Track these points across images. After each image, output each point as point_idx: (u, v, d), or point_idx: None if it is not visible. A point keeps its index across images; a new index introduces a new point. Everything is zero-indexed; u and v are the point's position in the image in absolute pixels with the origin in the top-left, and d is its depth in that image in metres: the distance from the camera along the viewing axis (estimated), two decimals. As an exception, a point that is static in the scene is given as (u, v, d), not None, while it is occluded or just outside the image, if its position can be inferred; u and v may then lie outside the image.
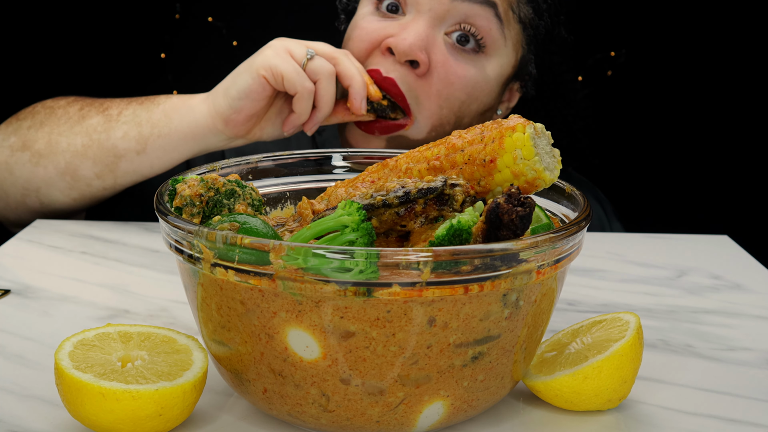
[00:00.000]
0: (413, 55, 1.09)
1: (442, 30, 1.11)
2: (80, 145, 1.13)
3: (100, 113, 1.15)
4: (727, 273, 1.05)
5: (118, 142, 1.12)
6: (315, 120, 1.09)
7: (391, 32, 1.12)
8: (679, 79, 1.79)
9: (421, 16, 1.11)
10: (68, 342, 0.67)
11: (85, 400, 0.63)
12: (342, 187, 0.74)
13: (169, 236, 0.65)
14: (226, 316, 0.63)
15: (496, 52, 1.13)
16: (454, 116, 1.13)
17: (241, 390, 0.66)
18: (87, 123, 1.15)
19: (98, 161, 1.13)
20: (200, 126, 1.10)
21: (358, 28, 1.16)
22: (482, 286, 0.59)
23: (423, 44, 1.09)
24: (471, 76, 1.12)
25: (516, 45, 1.15)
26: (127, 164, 1.13)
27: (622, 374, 0.68)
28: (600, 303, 0.95)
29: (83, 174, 1.14)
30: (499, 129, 0.68)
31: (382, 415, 0.62)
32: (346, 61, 1.08)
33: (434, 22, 1.11)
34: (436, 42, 1.11)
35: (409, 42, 1.08)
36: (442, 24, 1.11)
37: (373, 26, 1.14)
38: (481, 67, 1.12)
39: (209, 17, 1.73)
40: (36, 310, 0.91)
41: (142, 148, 1.12)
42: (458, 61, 1.11)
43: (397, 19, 1.13)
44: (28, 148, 1.16)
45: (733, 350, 0.84)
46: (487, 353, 0.62)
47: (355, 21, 1.18)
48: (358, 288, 0.57)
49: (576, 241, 0.64)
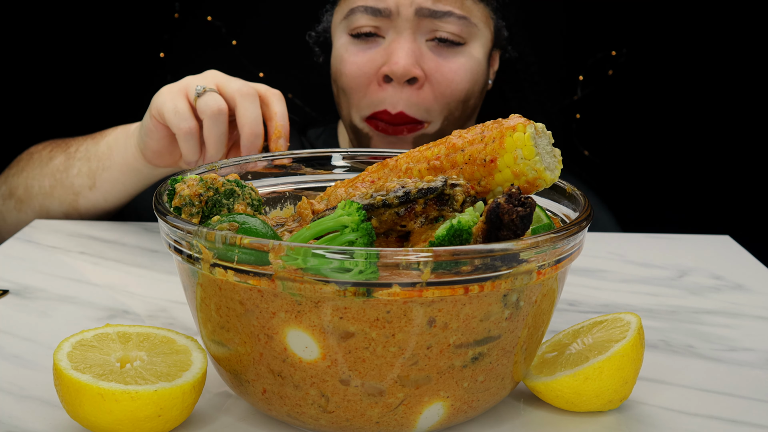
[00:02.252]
0: (411, 73, 1.16)
1: (423, 39, 1.18)
2: (47, 186, 1.18)
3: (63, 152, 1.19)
4: (729, 273, 1.05)
5: (74, 179, 1.16)
6: (208, 159, 1.00)
7: (380, 60, 1.18)
8: (680, 78, 1.80)
9: (400, 35, 1.17)
10: (67, 342, 0.67)
11: (83, 400, 0.63)
12: (342, 187, 0.74)
13: (168, 236, 0.65)
14: (225, 316, 0.63)
15: (474, 37, 1.20)
16: (461, 103, 1.21)
17: (240, 391, 0.66)
18: (52, 164, 1.19)
19: (62, 200, 1.17)
20: (131, 159, 1.10)
21: (346, 63, 1.21)
22: (482, 286, 0.59)
23: (414, 60, 1.17)
24: (465, 66, 1.20)
25: (486, 20, 1.22)
26: (84, 200, 1.16)
27: (623, 375, 0.68)
28: (601, 303, 0.95)
29: (54, 214, 1.18)
30: (500, 129, 0.68)
31: (382, 416, 0.62)
32: (244, 104, 0.98)
33: (414, 36, 1.18)
34: (422, 52, 1.18)
35: (402, 64, 1.16)
36: (421, 34, 1.18)
37: (361, 59, 1.19)
38: (468, 55, 1.20)
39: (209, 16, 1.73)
40: (34, 310, 0.91)
41: (92, 183, 1.14)
42: (448, 60, 1.19)
43: (378, 43, 1.19)
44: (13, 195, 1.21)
45: (735, 351, 0.84)
46: (488, 354, 0.62)
47: (339, 55, 1.23)
48: (357, 288, 0.57)
49: (577, 241, 0.64)
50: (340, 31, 1.23)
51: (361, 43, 1.20)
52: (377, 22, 1.18)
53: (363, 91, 1.20)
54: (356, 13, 1.19)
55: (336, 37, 1.24)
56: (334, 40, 1.25)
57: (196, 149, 1.00)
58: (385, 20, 1.18)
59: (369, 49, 1.20)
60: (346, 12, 1.21)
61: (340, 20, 1.23)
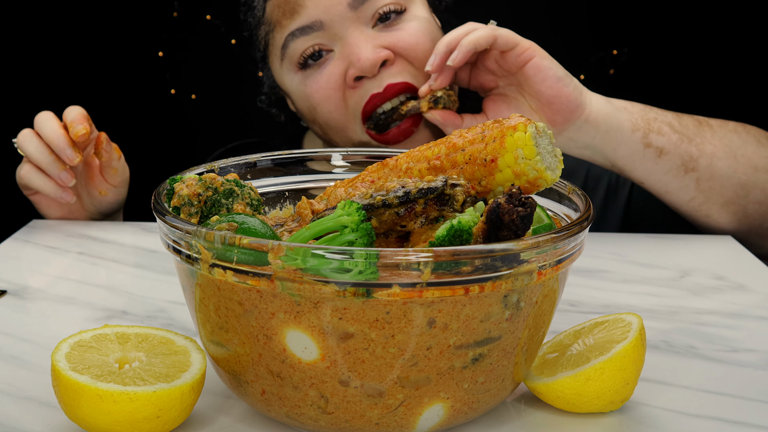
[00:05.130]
0: (378, 58, 1.14)
1: (368, 28, 1.16)
2: None
3: None
4: (731, 274, 1.04)
5: None
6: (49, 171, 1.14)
7: (340, 69, 1.16)
8: (682, 77, 1.80)
9: (346, 36, 1.15)
10: (65, 343, 0.67)
11: (82, 401, 0.62)
12: (341, 187, 0.74)
13: (167, 236, 0.65)
14: (224, 317, 0.63)
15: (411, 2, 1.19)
16: None
17: (239, 391, 0.66)
18: None
19: None
20: None
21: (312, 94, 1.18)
22: (483, 287, 0.59)
23: (373, 46, 1.14)
24: (418, 27, 1.18)
25: None
26: None
27: (625, 376, 0.68)
28: (602, 304, 0.95)
29: None
30: (500, 128, 0.68)
31: (382, 417, 0.62)
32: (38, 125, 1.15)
33: (360, 28, 1.15)
34: (376, 36, 1.16)
35: (365, 54, 1.13)
36: (364, 24, 1.16)
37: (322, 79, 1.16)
38: (414, 17, 1.19)
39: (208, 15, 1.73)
40: (33, 311, 0.91)
41: None
42: (401, 29, 1.17)
43: (329, 58, 1.16)
44: None
45: (737, 351, 0.83)
46: (488, 355, 0.62)
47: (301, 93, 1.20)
48: (357, 289, 0.57)
49: (578, 241, 0.64)
50: (288, 73, 1.20)
51: (313, 68, 1.17)
52: (316, 39, 1.15)
53: (342, 104, 1.17)
54: (289, 45, 1.16)
55: (287, 82, 1.21)
56: (287, 86, 1.22)
57: (43, 179, 1.15)
58: (321, 34, 1.15)
59: (324, 68, 1.16)
60: (280, 51, 1.18)
61: (279, 65, 1.20)
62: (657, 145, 1.09)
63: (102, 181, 1.20)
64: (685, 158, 1.10)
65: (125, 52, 1.72)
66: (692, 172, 1.11)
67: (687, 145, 1.10)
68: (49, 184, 1.14)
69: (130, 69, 1.74)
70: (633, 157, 1.10)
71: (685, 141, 1.10)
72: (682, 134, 1.11)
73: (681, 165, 1.11)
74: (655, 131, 1.09)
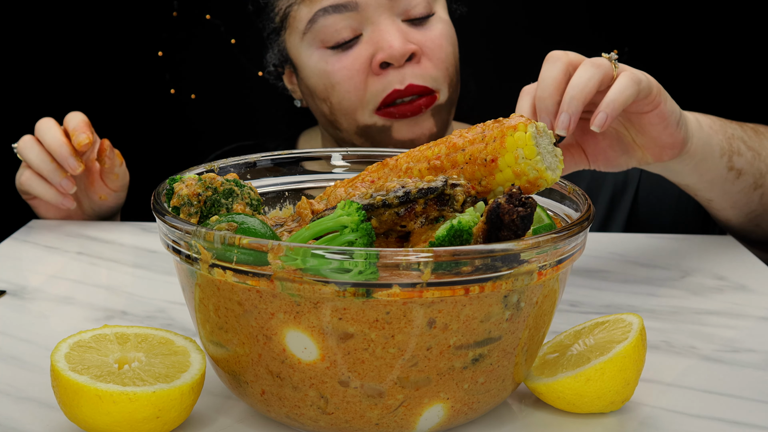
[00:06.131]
0: (408, 50, 1.16)
1: (399, 20, 1.19)
2: None
3: None
4: (732, 274, 1.04)
5: None
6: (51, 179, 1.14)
7: (367, 53, 1.17)
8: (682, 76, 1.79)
9: (379, 22, 1.17)
10: (64, 343, 0.67)
11: (81, 402, 0.62)
12: (341, 187, 0.74)
13: (167, 236, 0.65)
14: (224, 317, 0.63)
15: (437, 3, 1.22)
16: (454, 67, 1.23)
17: (239, 392, 0.66)
18: None
19: None
20: None
21: (333, 72, 1.18)
22: (483, 287, 0.59)
23: (404, 37, 1.17)
24: (444, 32, 1.21)
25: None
26: None
27: (625, 376, 0.68)
28: (602, 304, 0.95)
29: None
30: (501, 128, 0.68)
31: (382, 417, 0.62)
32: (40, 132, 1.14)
33: (392, 18, 1.18)
34: (406, 30, 1.19)
35: (396, 44, 1.15)
36: (397, 17, 1.18)
37: (347, 61, 1.18)
38: (440, 21, 1.22)
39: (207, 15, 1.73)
40: (32, 311, 0.91)
41: None
42: (429, 29, 1.20)
43: (356, 44, 1.18)
44: None
45: (738, 352, 0.83)
46: (488, 355, 0.62)
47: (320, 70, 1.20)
48: (357, 289, 0.57)
49: (578, 241, 0.64)
50: (307, 48, 1.20)
51: (341, 50, 1.18)
52: (347, 20, 1.16)
53: (362, 87, 1.18)
54: (319, 20, 1.17)
55: (304, 58, 1.21)
56: (303, 61, 1.21)
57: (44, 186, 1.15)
58: (353, 15, 1.16)
59: (351, 50, 1.18)
60: (305, 25, 1.18)
61: (299, 39, 1.20)
62: (737, 167, 1.04)
63: (102, 186, 1.20)
64: (757, 176, 1.07)
65: (125, 52, 1.72)
66: (760, 189, 1.07)
67: (758, 162, 1.07)
68: (50, 191, 1.15)
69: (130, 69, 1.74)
70: (715, 181, 1.05)
71: (757, 158, 1.06)
72: (755, 150, 1.06)
73: (753, 183, 1.07)
74: (736, 152, 1.04)
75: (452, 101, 1.24)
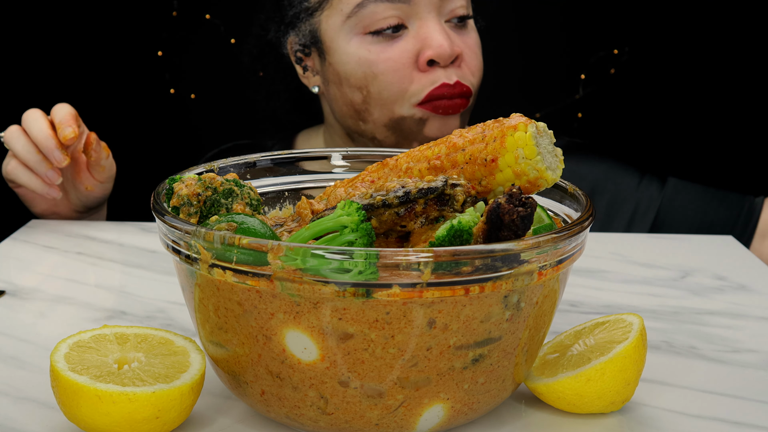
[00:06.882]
0: (455, 52, 1.19)
1: (443, 21, 1.21)
2: None
3: None
4: (732, 274, 1.05)
5: None
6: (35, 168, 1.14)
7: (413, 49, 1.19)
8: (683, 76, 1.80)
9: (428, 19, 1.18)
10: (64, 344, 0.67)
11: (81, 402, 0.63)
12: (341, 187, 0.74)
13: (166, 236, 0.65)
14: (224, 317, 0.63)
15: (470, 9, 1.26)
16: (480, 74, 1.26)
17: (238, 392, 0.66)
18: None
19: None
20: None
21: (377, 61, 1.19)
22: (483, 287, 0.59)
23: (451, 40, 1.19)
24: (476, 39, 1.25)
25: None
26: None
27: (626, 376, 0.68)
28: (603, 304, 0.95)
29: None
30: (501, 128, 0.68)
31: (382, 417, 0.62)
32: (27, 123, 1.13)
33: (438, 18, 1.19)
34: (450, 32, 1.21)
35: (446, 46, 1.18)
36: (442, 18, 1.21)
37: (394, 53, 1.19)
38: (473, 28, 1.25)
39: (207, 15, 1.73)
40: (31, 311, 0.91)
41: None
42: (467, 35, 1.23)
43: (401, 36, 1.19)
44: None
45: (738, 352, 0.84)
46: (488, 355, 0.62)
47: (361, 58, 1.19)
48: (357, 289, 0.57)
49: (578, 241, 0.64)
50: (347, 33, 1.19)
51: (384, 39, 1.18)
52: (396, 10, 1.17)
53: (406, 81, 1.19)
54: (368, 5, 1.17)
55: (341, 42, 1.20)
56: (338, 45, 1.20)
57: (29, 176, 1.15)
58: (404, 7, 1.18)
59: (396, 42, 1.19)
60: (352, 9, 1.17)
61: (342, 22, 1.19)
62: None
63: (89, 177, 1.20)
64: None
65: (124, 52, 1.72)
66: None
67: None
68: (35, 181, 1.15)
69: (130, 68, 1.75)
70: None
71: None
72: None
73: None
74: None
75: (472, 107, 1.26)
